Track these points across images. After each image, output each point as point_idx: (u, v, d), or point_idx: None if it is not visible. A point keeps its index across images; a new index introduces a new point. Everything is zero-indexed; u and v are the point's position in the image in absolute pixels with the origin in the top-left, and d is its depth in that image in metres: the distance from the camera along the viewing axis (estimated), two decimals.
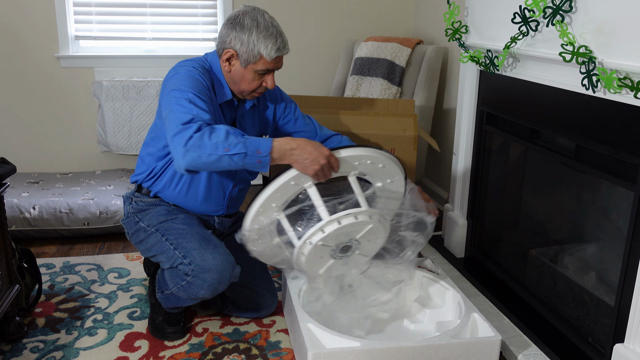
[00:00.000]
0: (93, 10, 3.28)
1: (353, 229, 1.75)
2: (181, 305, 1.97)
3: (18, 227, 2.70)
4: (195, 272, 1.80)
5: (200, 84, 1.80)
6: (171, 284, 1.90)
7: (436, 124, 3.31)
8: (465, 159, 2.49)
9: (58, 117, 3.35)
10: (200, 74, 1.83)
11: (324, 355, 1.65)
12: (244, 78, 1.87)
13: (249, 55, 1.82)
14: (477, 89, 2.37)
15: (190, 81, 1.78)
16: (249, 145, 1.61)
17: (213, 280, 1.80)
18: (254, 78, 1.86)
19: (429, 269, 2.18)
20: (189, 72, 1.82)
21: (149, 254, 1.97)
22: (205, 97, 1.77)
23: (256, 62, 1.83)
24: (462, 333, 1.78)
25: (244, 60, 1.83)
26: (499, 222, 2.44)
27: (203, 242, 1.85)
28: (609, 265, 1.87)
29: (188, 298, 1.88)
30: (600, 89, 1.59)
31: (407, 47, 3.19)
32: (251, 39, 1.80)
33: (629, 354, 1.57)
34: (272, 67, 1.86)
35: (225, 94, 1.92)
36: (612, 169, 1.67)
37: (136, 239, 2.00)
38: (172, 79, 1.81)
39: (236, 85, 1.90)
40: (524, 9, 1.85)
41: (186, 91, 1.73)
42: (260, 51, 1.81)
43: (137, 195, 2.04)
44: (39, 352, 1.88)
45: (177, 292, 1.89)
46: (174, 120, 1.66)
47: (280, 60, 1.88)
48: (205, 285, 1.81)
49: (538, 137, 2.06)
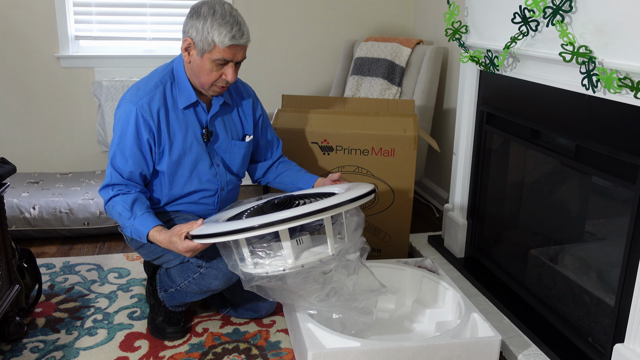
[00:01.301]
0: (93, 10, 3.29)
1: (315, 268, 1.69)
2: (188, 301, 1.97)
3: (18, 227, 2.70)
4: (210, 262, 1.81)
5: (130, 137, 1.85)
6: (180, 279, 1.90)
7: (436, 124, 3.31)
8: (465, 159, 2.49)
9: (58, 117, 3.35)
10: (137, 118, 1.84)
11: (324, 355, 1.65)
12: (202, 69, 1.83)
13: (203, 43, 1.79)
14: (477, 89, 2.37)
15: (120, 135, 1.87)
16: (132, 230, 1.83)
17: (227, 269, 1.80)
18: (211, 69, 1.83)
19: (429, 269, 2.18)
20: (122, 122, 1.86)
21: (153, 256, 1.95)
22: (132, 149, 1.86)
23: (211, 50, 1.79)
24: (462, 333, 1.78)
25: (200, 50, 1.81)
26: (499, 222, 2.43)
27: None
28: (609, 265, 1.87)
29: (199, 291, 1.88)
30: (600, 89, 1.59)
31: (407, 47, 3.19)
32: (205, 27, 1.78)
33: (629, 354, 1.57)
34: (229, 57, 1.81)
35: (189, 97, 1.90)
36: (612, 169, 1.67)
37: (136, 244, 1.98)
38: (117, 122, 1.89)
39: (197, 78, 1.87)
40: (524, 9, 1.85)
41: (112, 146, 1.89)
42: (214, 38, 1.77)
43: None
44: (39, 352, 1.88)
45: (187, 286, 1.89)
46: (108, 167, 1.91)
47: (238, 50, 1.82)
48: (220, 275, 1.82)
49: (538, 137, 2.06)
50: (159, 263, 1.98)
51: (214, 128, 1.99)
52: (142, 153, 1.88)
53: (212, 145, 1.99)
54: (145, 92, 1.87)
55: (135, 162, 1.87)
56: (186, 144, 1.92)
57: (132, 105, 1.85)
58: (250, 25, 3.63)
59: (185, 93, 1.91)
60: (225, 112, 2.03)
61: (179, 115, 1.90)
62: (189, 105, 1.91)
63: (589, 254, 2.00)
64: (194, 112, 1.94)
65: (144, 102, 1.85)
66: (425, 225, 3.06)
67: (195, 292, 1.89)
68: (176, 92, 1.91)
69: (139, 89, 1.89)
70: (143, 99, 1.85)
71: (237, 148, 2.05)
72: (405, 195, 2.44)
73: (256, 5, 3.47)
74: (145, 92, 1.87)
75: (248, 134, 2.09)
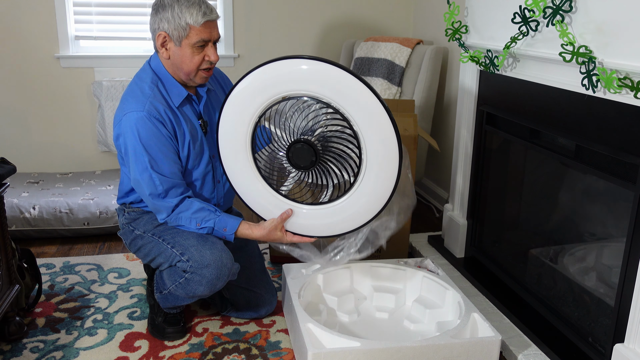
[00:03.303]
0: (93, 10, 3.28)
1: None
2: (179, 304, 1.97)
3: (18, 227, 2.70)
4: (194, 268, 1.80)
5: (153, 139, 1.80)
6: (169, 282, 1.90)
7: (436, 124, 3.31)
8: (465, 159, 2.49)
9: (58, 117, 3.35)
10: (151, 120, 1.79)
11: (324, 355, 1.65)
12: (184, 58, 1.82)
13: (178, 30, 1.78)
14: (477, 89, 2.37)
15: (143, 144, 1.79)
16: (216, 222, 1.86)
17: (212, 276, 1.79)
18: (193, 53, 1.81)
19: (429, 269, 2.18)
20: (136, 131, 1.78)
21: (149, 258, 1.96)
22: (164, 146, 1.82)
23: (188, 34, 1.78)
24: (462, 333, 1.78)
25: (176, 39, 1.79)
26: (499, 222, 2.43)
27: (200, 238, 1.84)
28: (609, 265, 1.87)
29: (186, 296, 1.87)
30: (600, 89, 1.59)
31: (407, 47, 3.19)
32: (175, 13, 1.76)
33: (629, 354, 1.57)
34: (206, 37, 1.80)
35: (180, 93, 1.88)
36: (612, 169, 1.67)
37: (134, 247, 1.99)
38: (129, 136, 1.79)
39: (181, 70, 1.85)
40: (524, 9, 1.85)
41: (140, 161, 1.81)
42: (187, 21, 1.76)
43: (129, 206, 2.03)
44: (39, 352, 1.88)
45: (175, 290, 1.89)
46: (146, 189, 1.83)
47: (212, 27, 1.81)
48: (203, 282, 1.80)
49: (538, 137, 2.06)
50: (154, 266, 1.98)
51: (208, 117, 1.98)
52: (171, 150, 1.84)
53: (210, 135, 1.98)
54: (146, 97, 1.81)
55: (170, 160, 1.83)
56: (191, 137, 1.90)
57: (139, 113, 1.78)
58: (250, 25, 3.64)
59: (175, 90, 1.88)
60: (211, 98, 2.01)
61: (178, 112, 1.89)
62: (182, 101, 1.89)
63: (589, 254, 2.00)
64: (188, 106, 1.92)
65: (149, 106, 1.80)
66: (425, 225, 3.06)
67: (183, 296, 1.88)
68: (167, 91, 1.88)
69: (135, 97, 1.83)
70: (146, 104, 1.80)
71: None
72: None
73: (256, 5, 3.47)
74: (145, 97, 1.81)
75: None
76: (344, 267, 2.15)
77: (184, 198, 1.86)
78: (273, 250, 2.53)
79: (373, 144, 1.70)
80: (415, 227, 2.96)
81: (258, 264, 2.14)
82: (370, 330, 1.98)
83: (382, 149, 1.70)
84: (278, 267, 2.50)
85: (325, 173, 1.80)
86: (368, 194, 1.78)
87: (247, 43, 3.51)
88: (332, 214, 1.84)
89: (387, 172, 1.73)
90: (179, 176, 1.86)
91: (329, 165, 1.78)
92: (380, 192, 1.77)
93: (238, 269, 1.91)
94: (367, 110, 1.66)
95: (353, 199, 1.80)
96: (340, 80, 1.64)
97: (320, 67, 1.64)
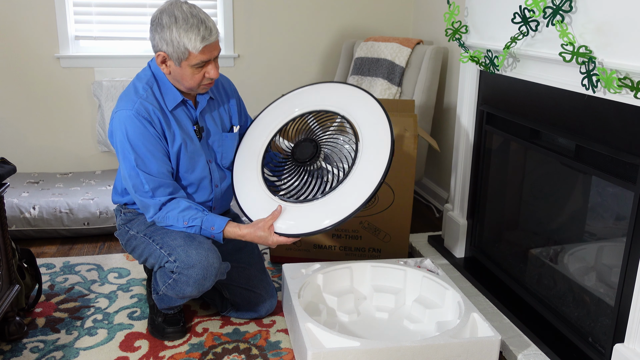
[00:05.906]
0: (93, 10, 3.28)
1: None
2: (173, 305, 1.97)
3: (18, 227, 2.70)
4: (180, 268, 1.79)
5: (139, 137, 1.80)
6: (160, 283, 1.90)
7: (436, 124, 3.31)
8: (465, 159, 2.49)
9: (58, 117, 3.35)
10: (139, 119, 1.79)
11: (324, 355, 1.65)
12: (184, 76, 1.82)
13: (177, 53, 1.77)
14: (477, 89, 2.37)
15: (130, 142, 1.80)
16: (204, 221, 1.85)
17: (198, 276, 1.79)
18: (193, 73, 1.81)
19: (429, 269, 2.18)
20: (124, 129, 1.79)
21: (142, 259, 1.96)
22: (152, 145, 1.82)
23: (187, 58, 1.77)
24: (462, 333, 1.78)
25: (176, 59, 1.79)
26: (499, 222, 2.44)
27: (188, 239, 1.84)
28: (609, 265, 1.87)
29: (176, 297, 1.87)
30: (600, 89, 1.59)
31: (407, 47, 3.19)
32: (173, 37, 1.74)
33: (629, 354, 1.57)
34: (205, 59, 1.78)
35: (175, 98, 1.88)
36: (612, 169, 1.67)
37: (129, 248, 2.00)
38: (118, 133, 1.81)
39: (181, 84, 1.86)
40: (524, 9, 1.85)
41: (128, 159, 1.82)
42: (186, 46, 1.75)
43: (125, 206, 2.03)
44: (39, 352, 1.89)
45: (166, 291, 1.88)
46: (132, 187, 1.84)
47: (212, 49, 1.79)
48: (190, 282, 1.80)
49: (538, 137, 2.06)
50: (149, 266, 1.98)
51: (205, 124, 1.98)
52: (159, 150, 1.84)
53: (205, 141, 1.98)
54: (137, 97, 1.82)
55: (158, 160, 1.84)
56: (183, 141, 1.90)
57: (128, 111, 1.79)
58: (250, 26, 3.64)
59: (170, 94, 1.88)
60: (212, 106, 2.01)
61: (171, 115, 1.89)
62: (176, 106, 1.89)
63: (589, 254, 2.00)
64: (182, 110, 1.92)
65: (138, 105, 1.81)
66: (425, 225, 3.06)
67: (174, 297, 1.88)
68: (162, 94, 1.88)
69: (128, 96, 1.84)
70: (136, 103, 1.81)
71: (229, 140, 2.04)
72: (406, 195, 2.44)
73: (256, 5, 3.47)
74: (136, 97, 1.83)
75: (235, 124, 2.08)
76: (344, 267, 2.15)
77: (172, 198, 1.86)
78: (273, 250, 2.53)
79: (368, 132, 1.86)
80: (415, 227, 2.96)
81: (258, 264, 2.14)
82: (370, 330, 1.98)
83: (375, 135, 1.85)
84: (278, 267, 2.50)
85: (320, 169, 1.87)
86: (358, 184, 1.82)
87: (247, 43, 3.51)
88: (321, 206, 1.84)
89: (379, 160, 1.81)
90: (168, 176, 1.86)
91: (328, 154, 1.90)
92: (371, 179, 1.82)
93: (228, 267, 1.91)
94: (366, 109, 1.76)
95: (345, 189, 1.82)
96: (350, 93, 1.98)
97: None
